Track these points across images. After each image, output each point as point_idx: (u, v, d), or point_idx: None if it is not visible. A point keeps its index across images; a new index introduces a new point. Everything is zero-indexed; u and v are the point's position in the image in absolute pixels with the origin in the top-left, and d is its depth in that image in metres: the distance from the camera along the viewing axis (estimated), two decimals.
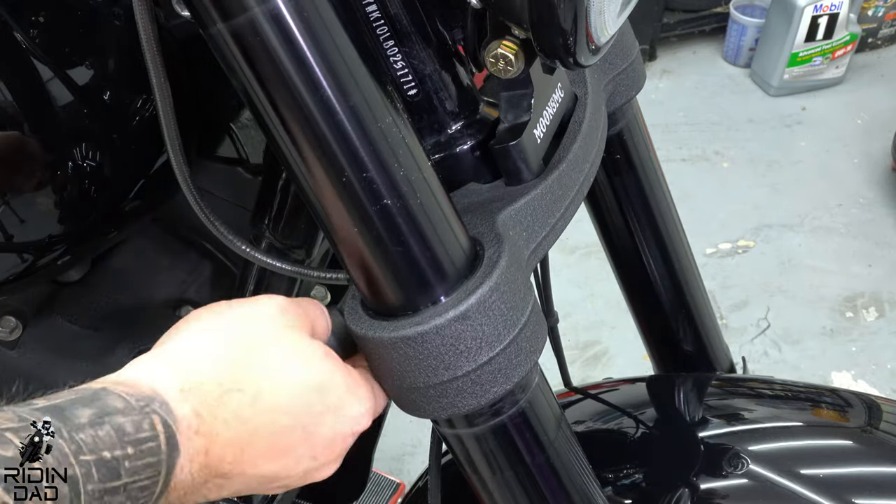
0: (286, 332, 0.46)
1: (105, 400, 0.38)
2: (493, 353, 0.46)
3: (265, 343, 0.45)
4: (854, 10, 2.80)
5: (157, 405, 0.39)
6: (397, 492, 1.30)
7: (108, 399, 0.38)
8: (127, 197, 0.63)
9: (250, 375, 0.44)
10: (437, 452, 0.62)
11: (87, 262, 0.72)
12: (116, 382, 0.40)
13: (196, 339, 0.45)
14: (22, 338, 0.70)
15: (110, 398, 0.38)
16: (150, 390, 0.40)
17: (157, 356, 0.44)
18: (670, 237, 0.83)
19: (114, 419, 0.37)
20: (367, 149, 0.43)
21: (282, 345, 0.46)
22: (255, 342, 0.45)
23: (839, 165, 2.57)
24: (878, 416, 0.77)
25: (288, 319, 0.47)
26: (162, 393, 0.40)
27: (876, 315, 2.09)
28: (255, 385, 0.44)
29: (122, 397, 0.38)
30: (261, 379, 0.44)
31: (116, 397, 0.38)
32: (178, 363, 0.43)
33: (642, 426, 0.81)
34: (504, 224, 0.50)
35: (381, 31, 0.50)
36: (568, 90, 0.59)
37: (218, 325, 0.45)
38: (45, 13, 0.54)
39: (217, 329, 0.45)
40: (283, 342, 0.46)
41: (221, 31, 0.41)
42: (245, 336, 0.45)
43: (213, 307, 0.47)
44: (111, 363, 0.74)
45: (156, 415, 0.39)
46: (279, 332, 0.46)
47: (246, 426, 0.43)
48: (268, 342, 0.45)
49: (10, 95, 0.52)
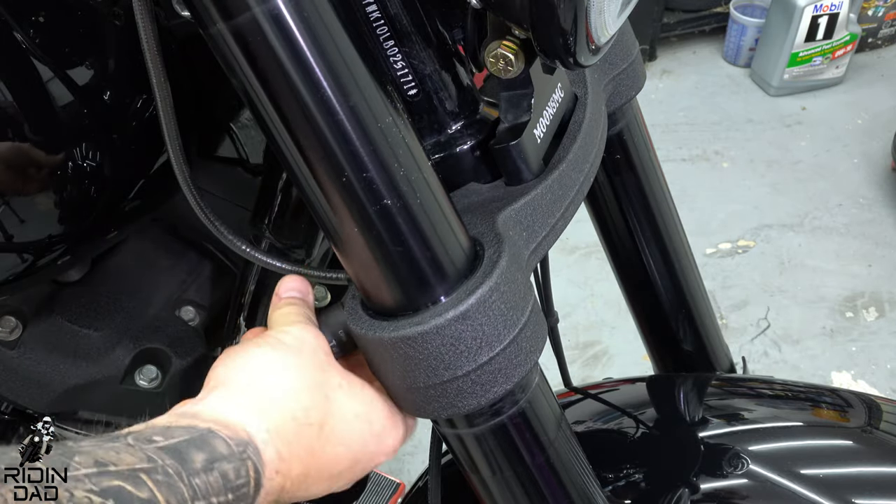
0: (329, 362, 0.49)
1: (213, 444, 0.40)
2: (493, 353, 0.46)
3: (321, 374, 0.48)
4: (854, 10, 2.80)
5: (251, 450, 0.41)
6: (397, 492, 1.30)
7: (216, 444, 0.40)
8: (127, 197, 0.63)
9: (317, 408, 0.46)
10: (437, 452, 0.62)
11: (87, 262, 0.73)
12: (218, 423, 0.42)
13: (271, 377, 0.46)
14: (22, 338, 0.70)
15: (217, 443, 0.40)
16: (245, 434, 0.42)
17: (243, 395, 0.45)
18: (670, 237, 0.83)
19: (221, 465, 0.39)
20: (367, 149, 0.43)
21: (333, 375, 0.48)
22: (314, 375, 0.47)
23: (839, 165, 2.57)
24: (878, 416, 0.77)
25: (323, 346, 0.50)
26: (254, 436, 0.42)
27: (876, 315, 2.09)
28: (321, 417, 0.46)
29: (226, 442, 0.40)
30: (325, 412, 0.46)
31: (222, 442, 0.40)
32: (262, 405, 0.44)
33: (642, 426, 0.81)
34: (504, 224, 0.50)
35: (381, 31, 0.50)
36: (568, 90, 0.59)
37: (280, 358, 0.47)
38: (45, 13, 0.54)
39: (284, 364, 0.47)
40: (332, 372, 0.49)
41: (221, 31, 0.41)
42: (306, 368, 0.47)
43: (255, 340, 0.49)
44: (111, 363, 0.75)
45: (250, 461, 0.41)
46: (326, 363, 0.49)
47: (313, 458, 0.46)
48: (322, 373, 0.48)
49: (10, 95, 0.52)
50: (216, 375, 0.47)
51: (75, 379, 0.73)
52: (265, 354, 0.47)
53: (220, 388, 0.45)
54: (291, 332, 0.49)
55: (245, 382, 0.45)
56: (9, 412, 0.85)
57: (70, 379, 0.73)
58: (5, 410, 0.84)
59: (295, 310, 0.52)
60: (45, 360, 0.72)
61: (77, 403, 0.77)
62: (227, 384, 0.45)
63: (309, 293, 0.55)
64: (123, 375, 0.75)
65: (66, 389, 0.74)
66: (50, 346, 0.72)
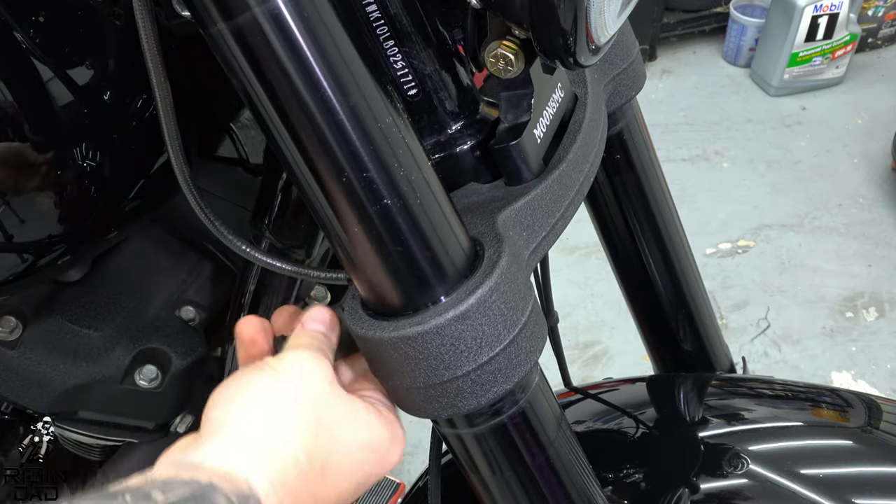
0: (331, 391, 0.48)
1: (215, 500, 0.39)
2: (493, 353, 0.46)
3: (322, 410, 0.46)
4: (854, 10, 2.80)
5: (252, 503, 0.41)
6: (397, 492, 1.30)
7: (218, 499, 0.39)
8: (127, 197, 0.63)
9: (319, 449, 0.45)
10: (437, 452, 0.62)
11: (87, 262, 0.73)
12: (220, 476, 0.40)
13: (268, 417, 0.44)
14: (22, 338, 0.70)
15: (219, 498, 0.39)
16: (247, 486, 0.41)
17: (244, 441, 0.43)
18: (670, 237, 0.83)
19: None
20: (367, 149, 0.43)
21: (335, 408, 0.47)
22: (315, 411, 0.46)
23: (839, 165, 2.57)
24: (878, 416, 0.77)
25: (324, 373, 0.48)
26: (256, 489, 0.41)
27: (876, 315, 2.09)
28: (324, 458, 0.45)
29: (227, 498, 0.39)
30: (328, 451, 0.46)
31: (223, 498, 0.39)
32: (264, 452, 0.43)
33: (642, 426, 0.81)
34: (504, 224, 0.50)
35: (381, 31, 0.50)
36: (568, 90, 0.59)
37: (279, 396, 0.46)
38: (45, 13, 0.54)
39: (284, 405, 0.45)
40: (334, 405, 0.47)
41: (221, 31, 0.41)
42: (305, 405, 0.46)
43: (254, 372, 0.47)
44: (111, 363, 0.75)
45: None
46: (327, 393, 0.47)
47: (317, 499, 0.45)
48: (323, 408, 0.46)
49: (10, 95, 0.52)
50: (215, 417, 0.45)
51: (75, 379, 0.73)
52: (263, 391, 0.45)
53: (219, 433, 0.44)
54: (291, 360, 0.48)
55: (244, 426, 0.44)
56: (9, 412, 0.85)
57: (70, 379, 0.73)
58: (5, 410, 0.84)
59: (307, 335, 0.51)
60: (45, 360, 0.72)
61: (77, 403, 0.77)
62: (226, 429, 0.44)
63: (335, 329, 0.54)
64: (123, 375, 0.75)
65: (66, 389, 0.74)
66: (50, 346, 0.72)
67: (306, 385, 0.47)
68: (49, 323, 0.72)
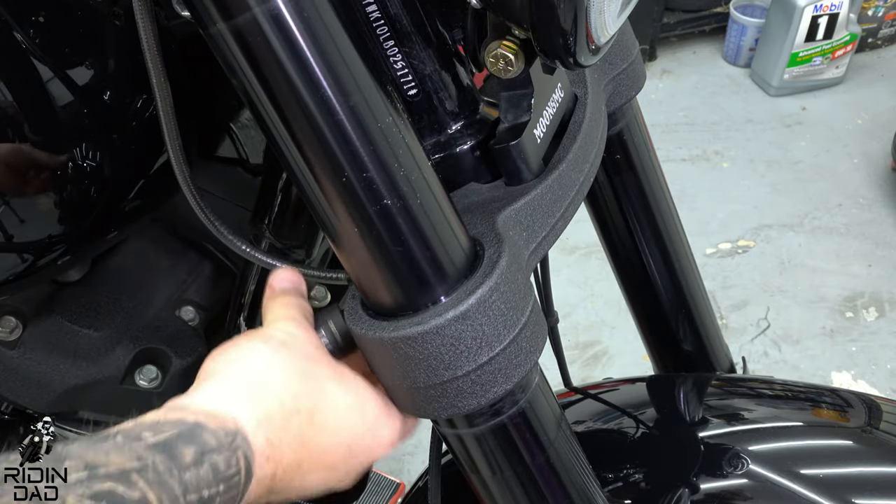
0: (320, 354, 0.50)
1: (203, 438, 0.40)
2: (493, 353, 0.46)
3: (310, 364, 0.48)
4: (854, 10, 2.80)
5: (240, 440, 0.42)
6: (397, 492, 1.30)
7: (205, 437, 0.40)
8: (127, 197, 0.63)
9: (306, 397, 0.46)
10: (437, 452, 0.62)
11: (87, 262, 0.73)
12: (207, 415, 0.42)
13: (259, 366, 0.46)
14: (22, 338, 0.70)
15: (206, 435, 0.40)
16: (233, 424, 0.42)
17: (231, 385, 0.45)
18: (670, 237, 0.83)
19: (211, 457, 0.39)
20: (367, 149, 0.43)
21: (323, 367, 0.49)
22: (303, 364, 0.48)
23: (839, 165, 2.57)
24: (878, 416, 0.77)
25: (312, 338, 0.50)
26: (243, 426, 0.42)
27: (876, 315, 2.09)
28: (310, 406, 0.46)
29: (215, 434, 0.41)
30: (315, 400, 0.47)
31: (211, 434, 0.40)
32: (250, 392, 0.45)
33: (642, 426, 0.81)
34: (504, 224, 0.50)
35: (381, 31, 0.50)
36: (568, 90, 0.59)
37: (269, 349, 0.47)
38: (45, 13, 0.54)
39: (272, 355, 0.47)
40: (323, 364, 0.49)
41: (221, 31, 0.41)
42: (295, 358, 0.48)
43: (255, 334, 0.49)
44: (111, 363, 0.75)
45: (239, 450, 0.41)
46: (316, 355, 0.49)
47: (305, 447, 0.46)
48: (312, 364, 0.48)
49: (10, 96, 0.52)
50: (205, 369, 0.47)
51: (75, 379, 0.73)
52: (254, 347, 0.48)
53: (208, 380, 0.46)
54: (282, 328, 0.50)
55: (233, 373, 0.46)
56: (9, 412, 0.85)
57: (70, 379, 0.73)
58: (5, 410, 0.84)
59: (287, 303, 0.53)
60: (45, 360, 0.72)
61: (77, 403, 0.77)
62: (215, 376, 0.46)
63: (301, 283, 0.56)
64: (123, 375, 0.75)
65: (66, 389, 0.74)
66: (50, 346, 0.72)
67: (297, 344, 0.49)
68: (49, 323, 0.72)
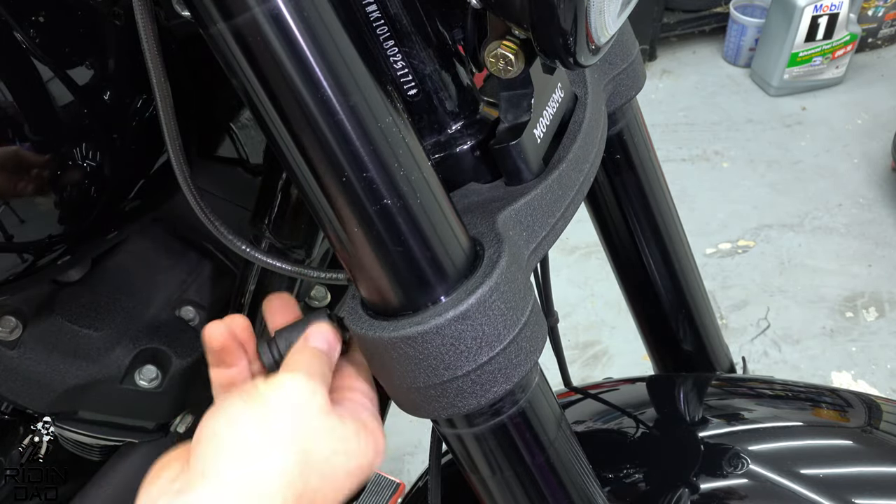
0: (324, 424, 0.46)
1: None
2: (493, 353, 0.46)
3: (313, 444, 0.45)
4: (854, 10, 2.80)
5: None
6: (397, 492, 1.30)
7: None
8: (127, 197, 0.63)
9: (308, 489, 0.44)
10: (437, 452, 0.62)
11: (87, 262, 0.73)
12: None
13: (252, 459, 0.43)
14: (22, 338, 0.70)
15: None
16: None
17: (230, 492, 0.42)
18: (670, 237, 0.83)
19: None
20: (367, 149, 0.43)
21: (327, 441, 0.46)
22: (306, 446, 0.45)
23: (839, 165, 2.57)
24: (878, 416, 0.77)
25: (317, 399, 0.47)
26: None
27: (876, 315, 2.09)
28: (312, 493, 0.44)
29: None
30: (317, 489, 0.45)
31: None
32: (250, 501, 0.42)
33: (642, 426, 0.81)
34: (504, 224, 0.50)
35: (381, 31, 0.50)
36: (568, 90, 0.59)
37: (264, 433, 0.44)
38: (45, 13, 0.54)
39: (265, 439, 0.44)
40: (326, 437, 0.46)
41: (221, 30, 0.41)
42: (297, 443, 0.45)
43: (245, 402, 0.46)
44: (111, 363, 0.75)
45: None
46: (316, 424, 0.46)
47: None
48: (315, 442, 0.45)
49: (10, 95, 0.52)
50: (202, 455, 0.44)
51: (75, 379, 0.73)
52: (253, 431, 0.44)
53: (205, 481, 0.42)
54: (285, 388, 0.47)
55: (231, 473, 0.42)
56: (9, 412, 0.85)
57: (70, 379, 0.73)
58: (5, 410, 0.84)
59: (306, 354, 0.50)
60: (45, 360, 0.72)
61: (77, 403, 0.77)
62: (212, 476, 0.43)
63: (336, 348, 0.53)
64: (123, 375, 0.75)
65: (66, 389, 0.74)
66: (50, 346, 0.72)
67: (298, 418, 0.45)
68: (49, 323, 0.72)
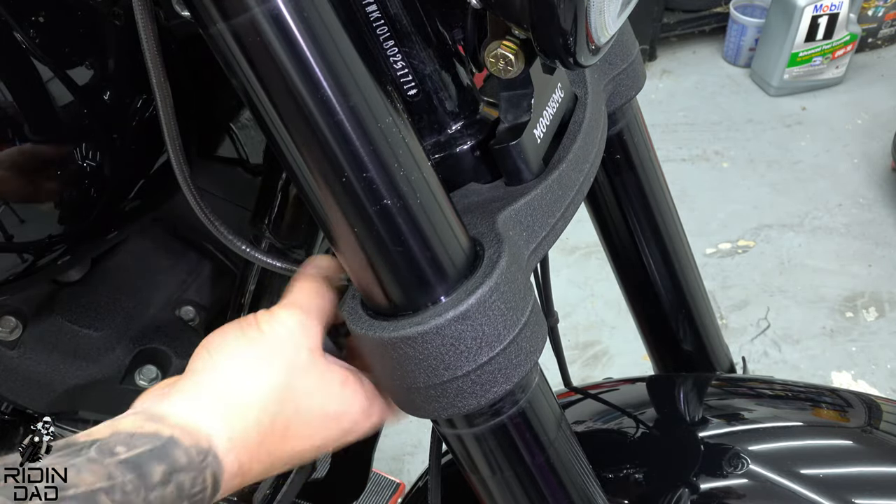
0: (310, 360, 0.49)
1: (174, 455, 0.40)
2: (493, 353, 0.46)
3: (296, 377, 0.48)
4: (854, 10, 2.80)
5: (210, 458, 0.42)
6: (397, 492, 1.30)
7: (177, 454, 0.41)
8: (127, 197, 0.63)
9: (284, 415, 0.46)
10: (437, 452, 0.62)
11: (87, 262, 0.72)
12: (182, 430, 0.42)
13: (241, 380, 0.46)
14: (22, 338, 0.70)
15: (178, 453, 0.41)
16: (206, 442, 0.42)
17: (211, 398, 0.45)
18: (670, 237, 0.83)
19: (179, 476, 0.40)
20: (367, 149, 0.43)
21: (310, 377, 0.48)
22: (289, 380, 0.47)
23: (839, 165, 2.57)
24: (878, 416, 0.77)
25: (309, 338, 0.49)
26: (215, 445, 0.43)
27: (876, 315, 2.09)
28: (286, 423, 0.47)
29: (187, 453, 0.41)
30: (292, 417, 0.47)
31: (183, 452, 0.41)
32: (227, 412, 0.45)
33: (642, 426, 0.81)
34: (504, 224, 0.50)
35: (381, 31, 0.50)
36: (568, 90, 0.59)
37: (258, 359, 0.47)
38: (45, 13, 0.54)
39: (257, 366, 0.47)
40: (310, 374, 0.48)
41: (221, 30, 0.41)
42: (282, 372, 0.47)
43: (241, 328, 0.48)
44: (111, 363, 0.75)
45: (209, 469, 0.42)
46: (303, 360, 0.48)
47: (274, 457, 0.47)
48: (298, 375, 0.48)
49: (10, 95, 0.52)
50: (194, 368, 0.47)
51: (75, 379, 0.73)
52: (243, 351, 0.47)
53: (193, 386, 0.46)
54: (284, 321, 0.49)
55: (217, 383, 0.46)
56: (9, 412, 0.85)
57: (70, 379, 0.73)
58: (5, 410, 0.84)
59: (308, 289, 0.52)
60: (45, 360, 0.72)
61: (77, 403, 0.77)
62: (200, 383, 0.46)
63: (333, 271, 0.54)
64: (123, 375, 0.75)
65: (66, 389, 0.74)
66: (50, 346, 0.72)
67: (287, 350, 0.48)
68: (49, 323, 0.72)
